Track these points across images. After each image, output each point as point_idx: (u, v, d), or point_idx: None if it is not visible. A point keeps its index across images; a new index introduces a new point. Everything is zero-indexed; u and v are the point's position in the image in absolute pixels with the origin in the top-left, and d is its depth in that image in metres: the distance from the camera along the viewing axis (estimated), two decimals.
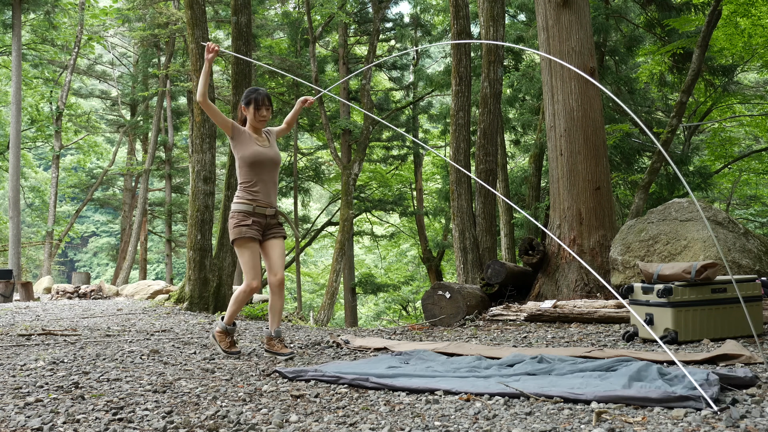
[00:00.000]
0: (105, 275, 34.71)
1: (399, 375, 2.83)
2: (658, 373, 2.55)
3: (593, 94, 6.32)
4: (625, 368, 2.65)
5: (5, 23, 18.61)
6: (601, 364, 2.81)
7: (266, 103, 3.91)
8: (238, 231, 3.77)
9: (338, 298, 19.78)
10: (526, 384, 2.56)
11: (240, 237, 3.76)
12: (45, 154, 28.37)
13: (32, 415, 2.33)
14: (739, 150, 14.98)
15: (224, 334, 3.90)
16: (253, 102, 3.89)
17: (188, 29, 8.41)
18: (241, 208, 3.80)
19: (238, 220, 3.79)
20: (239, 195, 3.86)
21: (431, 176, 23.05)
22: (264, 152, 3.87)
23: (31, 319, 6.94)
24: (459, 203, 8.31)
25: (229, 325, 3.91)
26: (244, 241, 3.77)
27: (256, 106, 3.88)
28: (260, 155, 3.85)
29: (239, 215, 3.80)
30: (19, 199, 17.27)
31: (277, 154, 3.96)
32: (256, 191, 3.82)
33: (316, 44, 17.19)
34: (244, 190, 3.84)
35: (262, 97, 3.90)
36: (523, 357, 3.13)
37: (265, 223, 3.85)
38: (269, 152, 3.90)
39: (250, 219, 3.78)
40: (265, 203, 3.85)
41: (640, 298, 3.98)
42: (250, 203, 3.81)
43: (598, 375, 2.63)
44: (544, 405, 2.30)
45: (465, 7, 8.76)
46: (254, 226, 3.79)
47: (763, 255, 5.03)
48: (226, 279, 8.40)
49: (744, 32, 11.12)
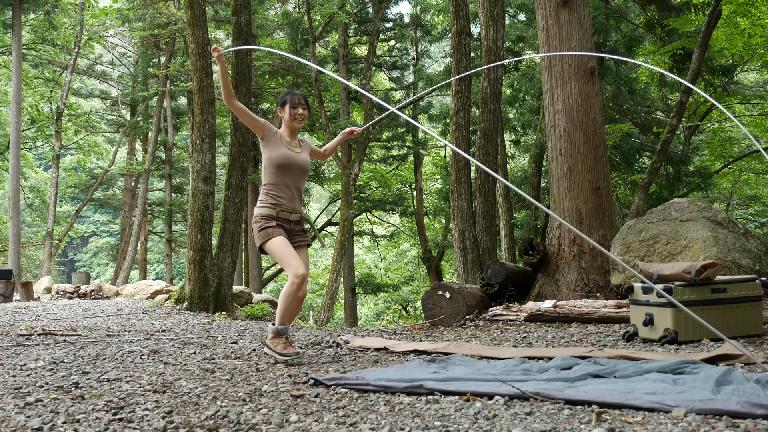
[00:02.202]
0: (105, 275, 34.72)
1: (451, 379, 2.67)
2: (743, 375, 2.39)
3: (593, 94, 6.32)
4: (704, 371, 2.48)
5: (5, 23, 18.62)
6: (665, 366, 2.65)
7: (302, 102, 3.80)
8: (264, 234, 3.60)
9: (338, 298, 19.79)
10: (598, 388, 2.39)
11: (265, 239, 3.59)
12: (45, 154, 28.38)
13: (32, 415, 2.33)
14: (739, 150, 14.98)
15: (277, 336, 3.59)
16: (288, 101, 3.79)
17: (188, 29, 8.41)
18: (264, 212, 3.66)
19: (262, 224, 3.63)
20: (262, 199, 3.71)
21: (431, 176, 23.06)
22: (293, 156, 3.74)
23: (31, 319, 6.94)
24: (459, 203, 8.31)
25: (281, 325, 3.59)
26: (272, 239, 3.57)
27: (291, 104, 3.77)
28: (289, 158, 3.71)
29: (262, 219, 3.64)
30: (19, 199, 17.27)
31: (307, 162, 3.82)
32: (279, 195, 3.68)
33: (316, 44, 17.19)
34: (267, 193, 3.70)
35: (298, 96, 3.80)
36: (573, 359, 2.95)
37: (289, 228, 3.70)
38: (298, 158, 3.77)
39: (274, 222, 3.64)
40: (288, 208, 3.70)
41: (640, 298, 3.98)
42: (273, 207, 3.66)
43: (672, 380, 2.44)
44: (544, 405, 2.31)
45: (465, 7, 8.76)
46: (279, 227, 3.64)
47: (763, 255, 5.03)
48: (226, 279, 8.40)
49: (744, 32, 11.12)
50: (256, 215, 3.67)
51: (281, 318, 3.58)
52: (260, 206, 3.68)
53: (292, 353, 3.47)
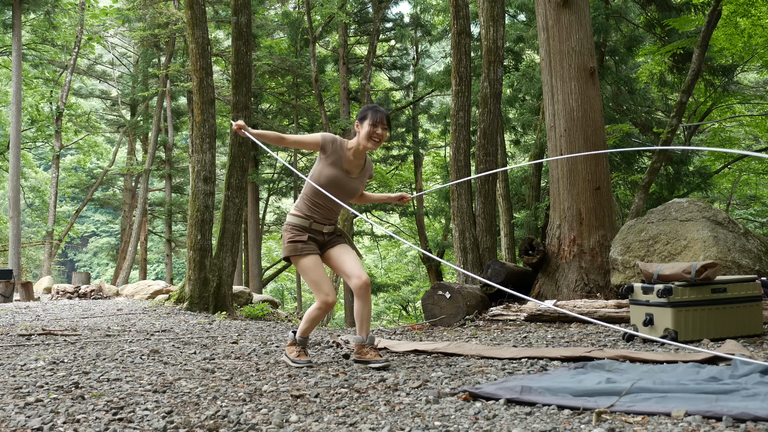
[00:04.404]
0: (105, 275, 34.71)
1: (641, 390, 2.29)
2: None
3: (593, 94, 6.32)
4: None
5: (5, 23, 18.62)
6: None
7: (383, 122, 3.42)
8: (292, 248, 3.41)
9: (338, 298, 19.78)
10: None
11: (294, 254, 3.41)
12: (45, 154, 28.38)
13: (32, 415, 2.33)
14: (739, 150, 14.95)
15: (294, 344, 3.55)
16: (370, 117, 3.41)
17: (188, 29, 8.41)
18: (297, 222, 3.44)
19: (292, 235, 3.43)
20: (299, 206, 3.49)
21: (431, 176, 23.06)
22: (344, 183, 3.46)
23: (31, 319, 6.94)
24: (459, 203, 8.31)
25: (301, 337, 3.55)
26: (302, 258, 3.40)
27: (372, 122, 3.40)
28: (338, 184, 3.43)
29: (294, 229, 3.44)
30: (19, 199, 17.27)
31: (357, 190, 3.55)
32: (317, 210, 3.46)
33: (316, 44, 17.19)
34: (305, 202, 3.48)
35: (381, 115, 3.42)
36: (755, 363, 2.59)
37: (322, 240, 3.51)
38: (349, 185, 3.49)
39: (306, 235, 3.43)
40: (324, 221, 3.50)
41: (640, 298, 3.98)
42: (307, 219, 3.45)
43: None
44: (545, 405, 2.30)
45: (465, 7, 8.76)
46: (310, 242, 3.44)
47: (763, 255, 5.03)
48: (226, 279, 8.40)
49: (744, 32, 11.12)
50: (288, 222, 3.48)
51: (302, 332, 3.55)
52: (294, 213, 3.49)
53: (302, 361, 3.45)
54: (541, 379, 2.64)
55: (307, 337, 3.59)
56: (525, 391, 2.38)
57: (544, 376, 2.76)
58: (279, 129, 19.85)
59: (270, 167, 20.71)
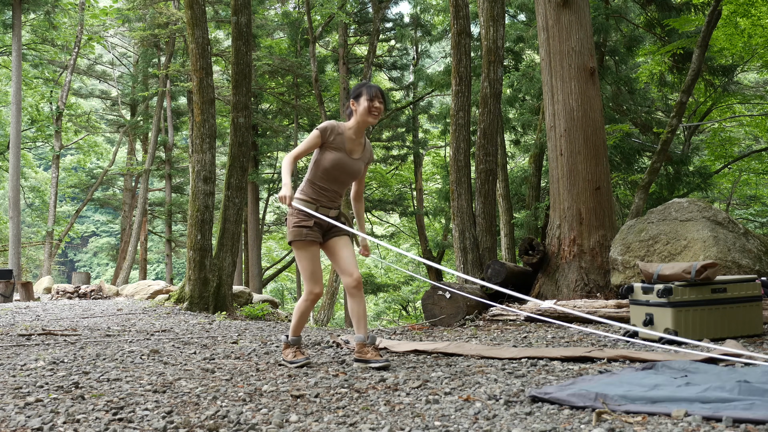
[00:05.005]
0: (105, 275, 34.71)
1: (712, 400, 2.11)
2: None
3: (593, 94, 6.32)
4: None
5: (5, 23, 18.62)
6: None
7: (379, 95, 3.47)
8: (297, 232, 3.42)
9: (338, 298, 19.78)
10: None
11: (299, 239, 3.43)
12: (45, 154, 28.37)
13: (32, 415, 2.33)
14: (739, 150, 14.98)
15: (288, 346, 3.59)
16: (365, 93, 3.46)
17: (188, 29, 8.41)
18: (305, 207, 3.44)
19: (298, 220, 3.44)
20: (305, 190, 3.50)
21: (431, 176, 23.07)
22: (347, 164, 3.49)
23: (31, 319, 6.94)
24: (459, 203, 8.31)
25: (293, 337, 3.59)
26: (304, 244, 3.43)
27: (369, 96, 3.44)
28: (341, 167, 3.48)
29: (301, 214, 3.44)
30: (19, 199, 17.26)
31: (359, 171, 3.57)
32: (323, 194, 3.50)
33: (316, 44, 17.19)
34: (311, 187, 3.50)
35: (375, 89, 3.47)
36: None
37: (327, 226, 3.52)
38: (352, 166, 3.52)
39: (312, 220, 3.44)
40: (329, 205, 3.52)
41: (640, 298, 3.98)
42: (313, 203, 3.47)
43: None
44: (544, 405, 2.30)
45: (465, 7, 8.76)
46: (315, 228, 3.45)
47: (763, 255, 5.03)
48: (226, 279, 8.40)
49: (744, 32, 11.12)
50: (295, 206, 3.45)
51: (294, 330, 3.59)
52: (300, 197, 3.49)
53: (300, 360, 3.47)
54: (610, 381, 2.51)
55: (300, 336, 3.60)
56: (599, 398, 2.23)
57: (611, 378, 2.61)
58: (279, 129, 19.86)
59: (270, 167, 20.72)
